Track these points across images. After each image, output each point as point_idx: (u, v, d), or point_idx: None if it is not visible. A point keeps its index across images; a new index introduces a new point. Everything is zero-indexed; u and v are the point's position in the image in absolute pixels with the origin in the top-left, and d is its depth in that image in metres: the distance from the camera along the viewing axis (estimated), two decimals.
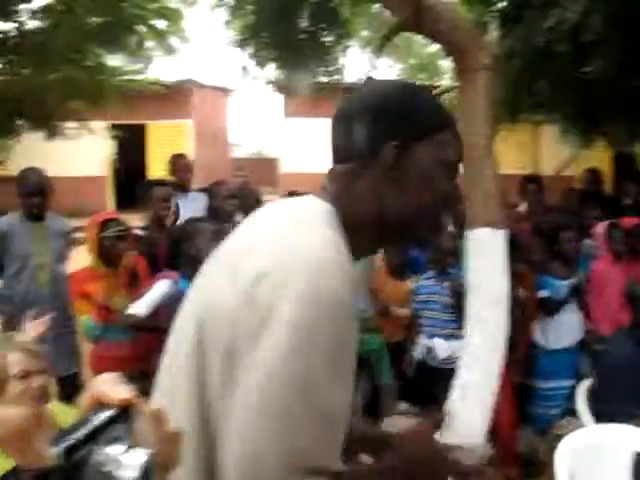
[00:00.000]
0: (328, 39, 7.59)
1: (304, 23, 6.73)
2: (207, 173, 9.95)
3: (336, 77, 9.41)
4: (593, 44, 4.18)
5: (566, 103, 4.95)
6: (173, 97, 12.75)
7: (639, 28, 4.01)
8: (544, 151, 12.16)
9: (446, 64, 10.60)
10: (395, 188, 0.97)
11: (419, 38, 10.03)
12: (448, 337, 3.67)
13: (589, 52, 4.30)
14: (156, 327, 2.78)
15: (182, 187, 4.50)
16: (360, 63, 14.00)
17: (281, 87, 12.46)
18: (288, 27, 6.22)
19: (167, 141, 13.33)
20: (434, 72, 12.62)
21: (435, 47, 10.46)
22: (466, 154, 2.95)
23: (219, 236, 2.90)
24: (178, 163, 4.68)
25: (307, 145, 13.29)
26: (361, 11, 7.39)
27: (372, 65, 13.68)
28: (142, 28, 7.58)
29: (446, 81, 8.60)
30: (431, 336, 3.78)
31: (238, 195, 4.57)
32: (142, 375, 3.20)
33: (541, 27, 4.17)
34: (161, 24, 7.77)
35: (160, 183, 4.11)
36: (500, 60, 3.81)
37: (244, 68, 8.66)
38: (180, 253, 3.16)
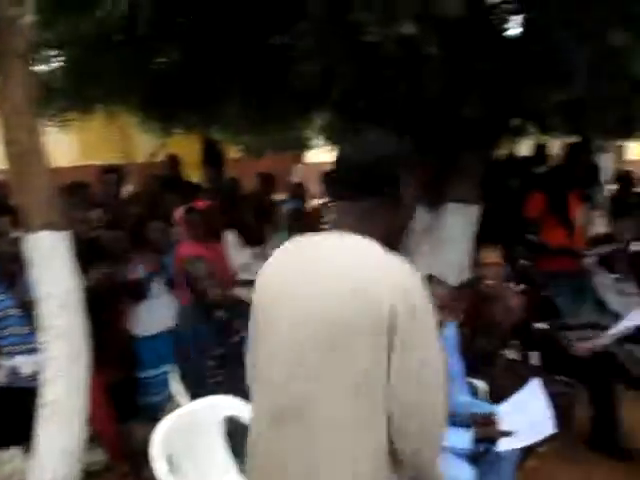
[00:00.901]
0: None
1: None
2: None
3: None
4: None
5: (135, 94, 4.97)
6: None
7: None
8: (138, 139, 12.20)
9: None
10: (399, 217, 1.42)
11: None
12: (31, 352, 3.34)
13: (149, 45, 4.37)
14: None
15: None
16: None
17: None
18: None
19: None
20: None
21: None
22: (9, 151, 2.66)
23: None
24: None
25: None
26: None
27: None
28: None
29: None
30: (13, 355, 3.39)
31: None
32: None
33: (93, 16, 4.04)
34: None
35: None
36: (45, 48, 3.56)
37: None
38: None
